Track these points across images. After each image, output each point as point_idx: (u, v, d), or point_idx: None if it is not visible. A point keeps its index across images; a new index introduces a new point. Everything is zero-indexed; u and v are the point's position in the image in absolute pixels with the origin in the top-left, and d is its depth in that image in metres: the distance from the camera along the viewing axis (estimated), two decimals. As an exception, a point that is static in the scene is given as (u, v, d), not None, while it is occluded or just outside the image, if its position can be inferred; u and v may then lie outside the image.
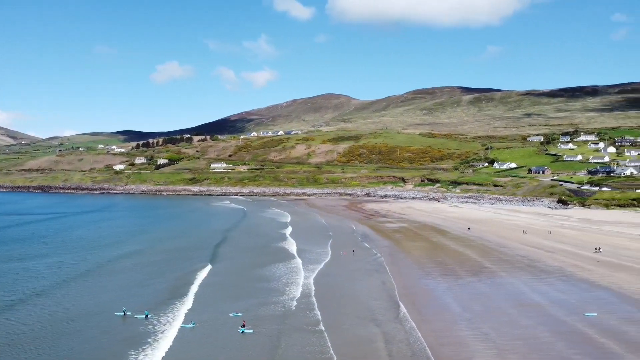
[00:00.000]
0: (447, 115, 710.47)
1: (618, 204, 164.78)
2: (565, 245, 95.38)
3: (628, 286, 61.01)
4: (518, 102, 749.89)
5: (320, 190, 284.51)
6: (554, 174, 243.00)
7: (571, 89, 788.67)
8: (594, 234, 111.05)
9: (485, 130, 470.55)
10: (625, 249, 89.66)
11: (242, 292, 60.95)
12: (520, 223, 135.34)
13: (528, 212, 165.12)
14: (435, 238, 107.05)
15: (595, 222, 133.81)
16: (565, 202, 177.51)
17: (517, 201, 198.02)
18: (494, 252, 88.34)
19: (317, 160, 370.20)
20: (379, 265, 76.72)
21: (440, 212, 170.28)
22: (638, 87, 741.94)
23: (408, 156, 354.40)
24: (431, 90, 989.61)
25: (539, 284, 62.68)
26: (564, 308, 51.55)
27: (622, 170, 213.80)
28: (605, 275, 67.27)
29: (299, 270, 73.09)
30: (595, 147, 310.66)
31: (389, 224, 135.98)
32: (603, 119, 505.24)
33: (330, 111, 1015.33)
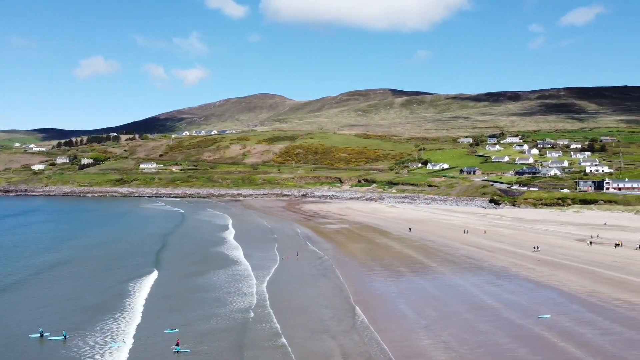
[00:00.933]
0: (380, 116, 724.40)
1: (545, 203, 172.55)
2: (504, 244, 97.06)
3: (571, 285, 61.76)
4: (447, 105, 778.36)
5: (256, 191, 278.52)
6: (484, 174, 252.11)
7: (495, 94, 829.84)
8: (528, 233, 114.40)
9: (418, 132, 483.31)
10: (560, 248, 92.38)
11: (183, 304, 55.62)
12: (457, 223, 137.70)
13: (463, 212, 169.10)
14: (378, 239, 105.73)
15: (527, 221, 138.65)
16: (497, 201, 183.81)
17: (451, 201, 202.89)
18: (438, 252, 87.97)
19: (252, 161, 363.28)
20: (326, 269, 73.60)
21: (378, 213, 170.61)
22: (554, 93, 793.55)
23: (344, 157, 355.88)
24: (365, 92, 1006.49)
25: (488, 286, 62.13)
26: (517, 310, 50.80)
27: (547, 171, 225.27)
28: (548, 275, 68.08)
29: (248, 277, 68.49)
30: (520, 149, 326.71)
31: (330, 225, 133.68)
32: (525, 123, 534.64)
33: (265, 111, 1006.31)
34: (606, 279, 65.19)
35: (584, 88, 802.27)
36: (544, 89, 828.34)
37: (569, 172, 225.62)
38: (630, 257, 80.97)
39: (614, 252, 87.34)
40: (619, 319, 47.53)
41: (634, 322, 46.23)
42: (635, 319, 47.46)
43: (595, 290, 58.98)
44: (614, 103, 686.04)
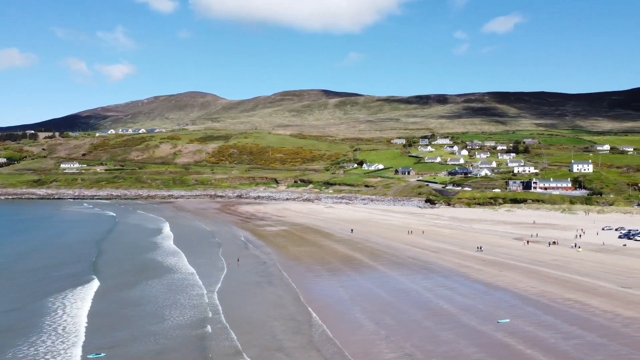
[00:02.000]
0: (314, 117, 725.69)
1: (478, 202, 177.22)
2: (447, 244, 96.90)
3: (521, 286, 61.28)
4: (379, 107, 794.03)
5: (188, 192, 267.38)
6: (418, 174, 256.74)
7: (425, 97, 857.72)
8: (467, 233, 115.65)
9: (352, 133, 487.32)
10: (501, 247, 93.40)
11: (120, 321, 49.11)
12: (396, 223, 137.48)
13: (401, 212, 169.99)
14: (322, 242, 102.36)
15: (464, 221, 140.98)
16: (433, 201, 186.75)
17: (388, 201, 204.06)
18: (384, 254, 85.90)
19: (184, 161, 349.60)
20: (272, 275, 68.95)
21: (317, 214, 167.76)
22: (479, 97, 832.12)
23: (280, 157, 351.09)
24: (299, 92, 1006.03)
25: (440, 289, 60.29)
26: (475, 315, 48.95)
27: (478, 172, 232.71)
28: (496, 275, 67.56)
29: (195, 286, 62.50)
30: (451, 150, 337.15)
31: (270, 228, 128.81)
32: (453, 125, 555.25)
33: (197, 110, 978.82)
34: (552, 278, 65.50)
35: (506, 93, 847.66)
36: (469, 93, 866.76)
37: (499, 172, 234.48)
38: (568, 255, 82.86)
39: (551, 250, 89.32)
40: (576, 321, 46.82)
41: (591, 324, 45.61)
42: (590, 320, 46.93)
43: (545, 290, 58.69)
44: (532, 107, 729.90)
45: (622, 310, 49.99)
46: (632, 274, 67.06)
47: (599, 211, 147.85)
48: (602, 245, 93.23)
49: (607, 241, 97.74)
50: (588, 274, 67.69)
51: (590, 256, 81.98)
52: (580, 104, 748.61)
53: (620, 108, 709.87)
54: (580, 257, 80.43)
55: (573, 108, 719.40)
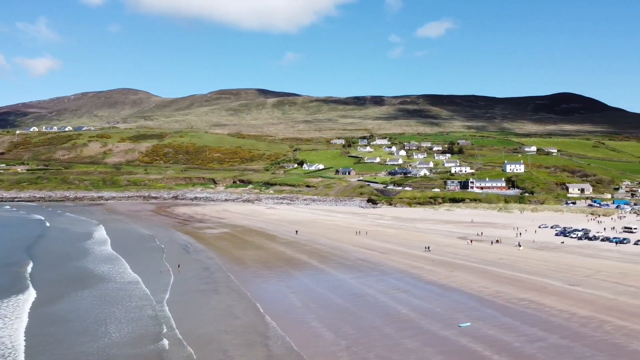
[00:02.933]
0: (252, 116, 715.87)
1: (419, 202, 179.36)
2: (394, 244, 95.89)
3: (475, 286, 60.56)
4: (317, 107, 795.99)
5: (120, 193, 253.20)
6: (359, 174, 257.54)
7: (362, 98, 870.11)
8: (412, 232, 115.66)
9: (291, 133, 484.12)
10: (447, 246, 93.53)
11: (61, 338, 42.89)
12: (341, 223, 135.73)
13: (344, 212, 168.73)
14: (266, 244, 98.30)
15: (407, 220, 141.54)
16: (375, 201, 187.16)
17: (330, 201, 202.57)
18: (332, 256, 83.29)
19: (115, 160, 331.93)
20: (218, 283, 64.17)
21: (259, 215, 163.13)
22: (414, 99, 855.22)
23: (217, 156, 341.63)
24: (236, 91, 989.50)
25: (395, 292, 58.28)
26: (436, 320, 47.15)
27: (417, 172, 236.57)
28: (448, 276, 66.65)
29: (142, 298, 56.59)
30: (389, 151, 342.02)
31: (210, 230, 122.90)
32: (390, 126, 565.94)
33: (128, 107, 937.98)
34: (503, 277, 65.46)
35: (439, 96, 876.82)
36: (404, 95, 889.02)
37: (437, 172, 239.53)
38: (512, 254, 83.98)
39: (495, 249, 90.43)
40: (535, 322, 46.12)
41: (551, 325, 45.01)
42: (549, 321, 46.41)
43: (498, 291, 58.20)
44: (464, 110, 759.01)
45: (576, 309, 50.03)
46: (576, 272, 68.36)
47: (533, 209, 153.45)
48: (543, 243, 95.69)
49: (546, 239, 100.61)
50: (535, 272, 68.34)
51: (533, 254, 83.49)
52: (507, 108, 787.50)
53: (543, 112, 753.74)
54: (525, 256, 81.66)
55: (501, 111, 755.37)
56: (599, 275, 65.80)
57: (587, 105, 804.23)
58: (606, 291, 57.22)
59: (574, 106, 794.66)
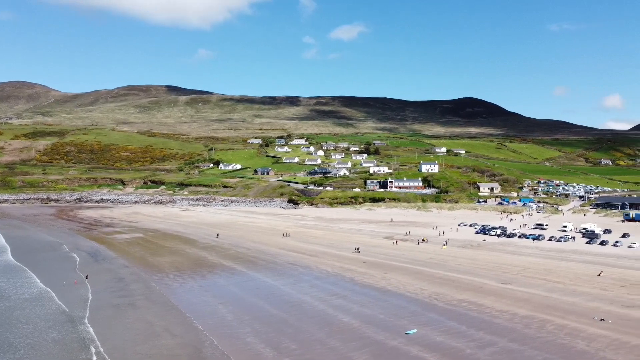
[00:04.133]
0: (164, 114, 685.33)
1: (340, 202, 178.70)
2: (322, 246, 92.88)
3: (412, 289, 58.77)
4: (233, 106, 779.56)
5: (14, 195, 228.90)
6: (278, 174, 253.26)
7: (278, 98, 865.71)
8: (338, 233, 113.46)
9: (206, 132, 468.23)
10: (375, 247, 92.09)
11: None
12: (264, 225, 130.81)
13: (265, 213, 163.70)
14: (186, 249, 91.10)
15: (331, 220, 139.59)
16: (296, 201, 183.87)
17: (250, 202, 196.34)
18: (259, 261, 78.42)
19: (8, 159, 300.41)
20: (136, 295, 56.84)
21: (174, 217, 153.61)
22: (329, 101, 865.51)
23: (126, 156, 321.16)
24: (145, 87, 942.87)
25: (332, 298, 54.83)
26: (381, 328, 44.21)
27: (337, 172, 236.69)
28: (383, 279, 64.49)
29: (57, 314, 47.80)
30: (307, 151, 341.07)
31: (121, 235, 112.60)
32: (307, 126, 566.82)
33: (23, 102, 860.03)
34: (437, 278, 64.44)
35: (353, 97, 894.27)
36: (319, 96, 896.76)
37: (356, 172, 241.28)
38: (441, 253, 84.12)
39: (423, 248, 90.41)
40: (480, 324, 44.70)
41: (497, 328, 43.75)
42: (493, 323, 45.22)
43: (436, 292, 56.76)
44: (377, 112, 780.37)
45: (515, 309, 49.50)
46: (504, 270, 69.15)
47: (450, 208, 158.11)
48: (466, 241, 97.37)
49: (468, 237, 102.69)
50: (467, 271, 68.21)
51: (460, 253, 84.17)
52: (417, 110, 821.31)
53: (450, 115, 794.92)
54: (454, 255, 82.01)
55: (412, 114, 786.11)
56: (527, 273, 66.91)
57: (488, 110, 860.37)
58: (537, 288, 57.80)
59: (477, 110, 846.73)
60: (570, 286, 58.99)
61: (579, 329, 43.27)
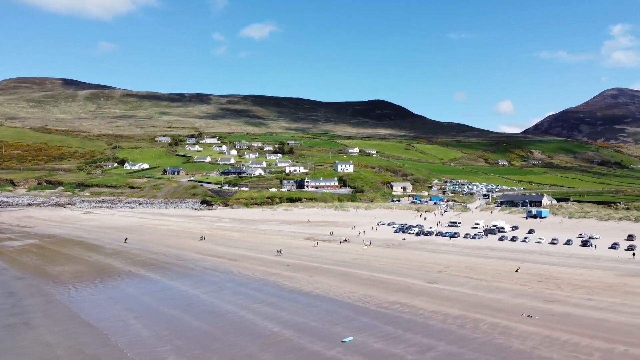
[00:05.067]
0: (60, 109, 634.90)
1: (256, 202, 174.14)
2: (242, 249, 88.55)
3: (341, 292, 56.69)
4: (138, 102, 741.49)
5: None
6: (189, 174, 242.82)
7: (188, 95, 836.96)
8: (257, 235, 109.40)
9: (109, 129, 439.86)
10: (297, 248, 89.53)
11: None
12: (176, 228, 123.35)
13: (177, 215, 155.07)
14: (89, 257, 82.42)
15: (248, 222, 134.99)
16: (210, 202, 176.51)
17: (159, 204, 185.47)
18: (174, 267, 72.53)
19: None
20: (30, 313, 49.07)
21: (75, 221, 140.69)
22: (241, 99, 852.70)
23: (17, 154, 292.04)
24: (39, 80, 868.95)
25: (259, 306, 51.12)
26: (315, 337, 41.35)
27: (252, 171, 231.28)
28: (310, 282, 61.87)
29: None
30: (220, 150, 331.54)
31: (11, 243, 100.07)
32: (219, 125, 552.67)
33: None
34: (364, 279, 63.02)
35: (266, 97, 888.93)
36: (231, 95, 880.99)
37: (272, 172, 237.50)
38: (364, 253, 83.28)
39: (345, 248, 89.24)
40: (416, 327, 43.37)
41: (433, 330, 42.62)
42: (428, 325, 44.11)
43: (366, 295, 55.10)
44: (290, 112, 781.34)
45: (447, 309, 48.99)
46: (428, 268, 69.44)
47: (367, 207, 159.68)
48: (387, 240, 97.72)
49: (388, 236, 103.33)
50: (393, 271, 67.59)
51: (383, 252, 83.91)
52: (330, 111, 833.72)
53: (360, 116, 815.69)
54: (377, 254, 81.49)
55: (324, 114, 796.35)
56: (450, 271, 67.60)
57: (396, 112, 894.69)
58: (464, 287, 58.20)
59: (386, 112, 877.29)
60: (493, 283, 60.13)
61: (511, 327, 43.38)
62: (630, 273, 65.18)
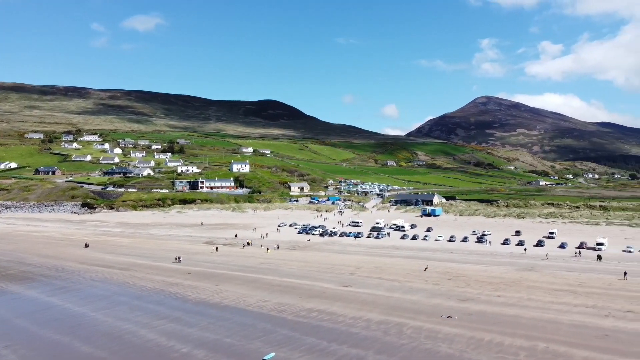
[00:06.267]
0: None
1: (146, 205, 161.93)
2: (135, 257, 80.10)
3: (252, 301, 52.35)
4: (5, 94, 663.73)
5: None
6: (67, 175, 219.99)
7: (63, 88, 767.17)
8: (150, 240, 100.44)
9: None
10: (197, 254, 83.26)
11: None
12: (54, 235, 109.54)
13: (54, 220, 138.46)
14: (-57, 272, 68.95)
15: (138, 226, 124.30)
16: (92, 205, 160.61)
17: (32, 207, 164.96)
18: (55, 281, 62.89)
19: None
20: None
21: None
22: (125, 94, 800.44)
23: None
24: None
25: (162, 323, 45.03)
26: (232, 355, 36.69)
27: (140, 171, 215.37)
28: (216, 292, 56.66)
29: None
30: (102, 148, 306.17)
31: None
32: (99, 121, 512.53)
33: None
34: (275, 286, 59.25)
35: (153, 93, 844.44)
36: (114, 89, 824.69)
37: (162, 172, 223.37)
38: (270, 257, 79.43)
39: (250, 252, 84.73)
40: (340, 338, 40.45)
41: (357, 339, 40.03)
42: (352, 334, 41.48)
43: (281, 303, 51.37)
44: (179, 110, 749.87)
45: (367, 314, 46.93)
46: (340, 271, 67.50)
47: (265, 208, 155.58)
48: (292, 242, 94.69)
49: (292, 237, 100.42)
50: (304, 275, 64.61)
51: (290, 255, 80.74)
52: (221, 110, 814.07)
53: (253, 116, 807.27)
54: (284, 258, 78.08)
55: (215, 113, 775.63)
56: (361, 272, 66.23)
57: (289, 113, 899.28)
58: (378, 289, 56.86)
59: (279, 112, 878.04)
60: (406, 283, 59.62)
61: (435, 329, 42.31)
62: (527, 267, 68.75)
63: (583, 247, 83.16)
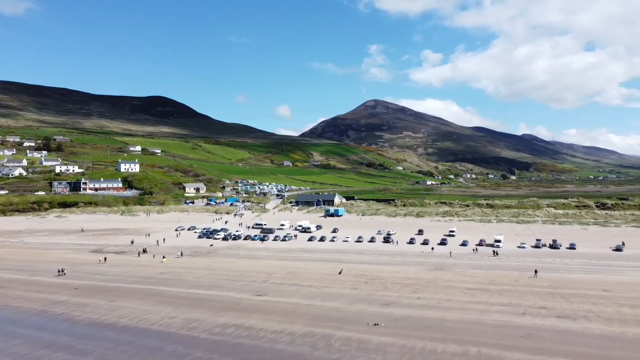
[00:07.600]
0: None
1: (18, 209, 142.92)
2: (7, 271, 68.80)
3: (156, 318, 46.08)
4: None
5: None
6: None
7: None
8: (25, 250, 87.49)
9: None
10: (85, 265, 73.82)
11: None
12: None
13: None
14: None
15: (10, 234, 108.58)
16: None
17: None
18: None
19: None
20: None
21: None
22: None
23: None
24: None
25: (48, 353, 37.33)
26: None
27: (10, 171, 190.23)
28: (112, 309, 49.42)
29: None
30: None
31: None
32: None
33: None
34: (182, 298, 53.30)
35: (22, 84, 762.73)
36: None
37: (37, 172, 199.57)
38: (171, 266, 72.56)
39: (147, 261, 76.94)
40: (265, 356, 36.25)
41: (284, 356, 36.13)
42: (276, 350, 37.45)
43: (190, 319, 45.75)
44: (56, 104, 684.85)
45: (289, 326, 43.19)
46: (251, 278, 62.97)
47: (159, 211, 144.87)
48: (193, 247, 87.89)
49: (193, 243, 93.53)
50: (213, 285, 59.14)
51: (193, 263, 74.41)
52: (104, 105, 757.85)
53: (140, 113, 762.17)
54: (187, 266, 71.64)
55: (98, 108, 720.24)
56: (274, 279, 62.32)
57: (180, 110, 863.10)
58: (296, 296, 53.40)
59: (169, 110, 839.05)
60: (324, 289, 56.79)
61: (365, 340, 39.69)
62: (437, 267, 69.47)
63: (482, 244, 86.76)
